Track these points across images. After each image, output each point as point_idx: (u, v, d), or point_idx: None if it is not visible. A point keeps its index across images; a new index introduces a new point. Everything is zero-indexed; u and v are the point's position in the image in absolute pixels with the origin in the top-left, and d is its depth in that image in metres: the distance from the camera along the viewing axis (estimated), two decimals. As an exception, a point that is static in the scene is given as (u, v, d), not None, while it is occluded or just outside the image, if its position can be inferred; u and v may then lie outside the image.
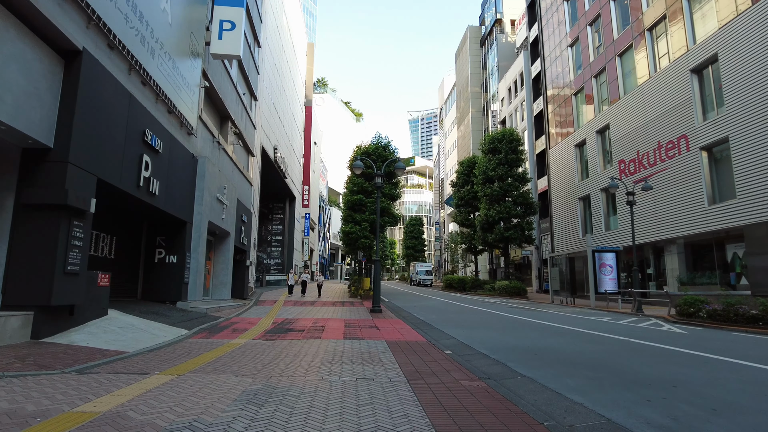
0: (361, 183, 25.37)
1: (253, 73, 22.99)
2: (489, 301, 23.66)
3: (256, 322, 11.78)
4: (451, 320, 13.40)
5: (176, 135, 12.43)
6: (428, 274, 52.46)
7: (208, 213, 14.53)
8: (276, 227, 43.69)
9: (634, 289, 18.26)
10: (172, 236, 13.19)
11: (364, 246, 24.98)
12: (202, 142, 14.85)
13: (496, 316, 15.10)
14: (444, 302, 22.13)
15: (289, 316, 13.52)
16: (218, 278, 17.11)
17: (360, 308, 17.14)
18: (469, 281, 34.54)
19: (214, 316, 12.39)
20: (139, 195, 10.03)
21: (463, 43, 60.57)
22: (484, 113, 54.06)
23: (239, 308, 15.78)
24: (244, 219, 20.43)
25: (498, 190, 30.88)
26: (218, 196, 15.44)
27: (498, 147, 31.67)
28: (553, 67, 36.23)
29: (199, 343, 8.18)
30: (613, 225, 27.58)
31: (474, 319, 14.00)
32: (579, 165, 31.96)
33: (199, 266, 13.71)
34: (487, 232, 31.88)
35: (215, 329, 10.03)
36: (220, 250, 17.39)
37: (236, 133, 18.91)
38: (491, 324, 12.49)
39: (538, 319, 14.21)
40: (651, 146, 23.67)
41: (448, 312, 16.36)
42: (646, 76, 24.30)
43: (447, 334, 10.08)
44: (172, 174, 12.05)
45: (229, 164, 18.21)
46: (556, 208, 34.53)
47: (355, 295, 24.47)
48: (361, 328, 10.90)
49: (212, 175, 14.81)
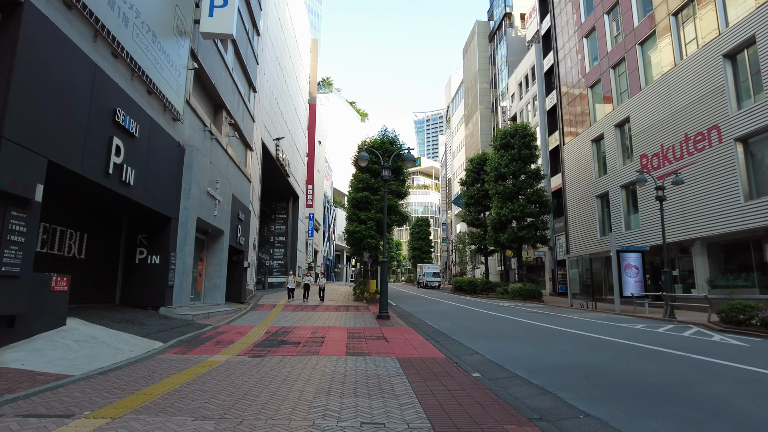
0: (366, 180, 23.90)
1: (252, 63, 21.61)
2: (503, 306, 22.09)
3: (246, 331, 10.32)
4: (469, 328, 11.88)
5: (158, 119, 11.02)
6: (436, 276, 50.87)
7: (197, 208, 13.11)
8: (279, 227, 42.34)
9: (666, 292, 16.66)
10: (155, 234, 11.78)
11: (370, 246, 23.50)
12: (191, 131, 13.45)
13: (516, 323, 13.56)
14: (456, 307, 20.59)
15: (286, 324, 12.04)
16: (211, 281, 15.69)
17: (366, 314, 15.65)
18: (480, 284, 32.95)
19: (200, 324, 10.94)
20: (109, 184, 8.61)
21: (471, 39, 59.03)
22: (493, 110, 52.47)
23: (232, 314, 14.34)
24: (240, 217, 19.02)
25: (511, 187, 29.30)
26: (209, 191, 14.03)
27: (510, 142, 30.10)
28: (567, 59, 34.62)
29: (170, 360, 6.72)
30: (634, 224, 25.92)
31: (493, 327, 12.47)
32: (596, 161, 30.30)
33: (186, 267, 12.29)
34: (500, 231, 30.29)
35: (196, 341, 8.57)
36: (213, 250, 15.97)
37: (232, 123, 17.51)
38: (515, 333, 10.96)
39: (564, 326, 12.66)
40: (677, 139, 22.03)
41: (463, 318, 14.83)
42: (671, 64, 22.66)
43: (468, 348, 8.56)
44: (153, 163, 10.64)
45: (224, 157, 16.81)
46: (572, 207, 32.87)
47: (361, 299, 22.99)
48: (366, 339, 9.40)
49: (202, 167, 13.40)
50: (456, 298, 29.06)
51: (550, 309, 20.82)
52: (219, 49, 15.92)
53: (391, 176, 14.68)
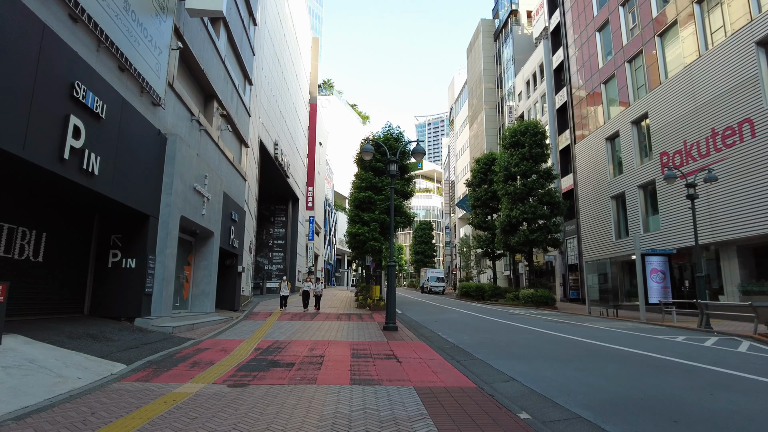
0: (369, 178, 22.42)
1: (248, 53, 20.21)
2: (517, 313, 20.53)
3: (233, 347, 8.80)
4: (490, 343, 10.34)
5: (134, 102, 9.56)
6: (440, 281, 49.31)
7: (181, 206, 11.63)
8: (278, 230, 40.87)
9: (700, 299, 15.12)
10: (131, 234, 10.30)
11: (374, 249, 21.98)
12: (175, 119, 12.00)
13: (541, 335, 12.02)
14: (467, 315, 19.04)
15: (281, 337, 10.52)
16: (199, 287, 14.18)
17: (370, 324, 14.12)
18: (488, 289, 31.38)
19: (180, 339, 9.43)
20: (64, 172, 7.14)
21: (476, 38, 57.73)
22: (498, 110, 51.05)
23: (222, 325, 12.83)
24: (234, 217, 17.54)
25: (521, 187, 27.79)
26: (196, 187, 12.55)
27: (521, 140, 28.61)
28: (578, 55, 33.21)
29: (124, 392, 5.22)
30: (653, 226, 24.40)
31: (517, 341, 10.93)
32: (610, 160, 28.82)
33: (167, 272, 10.80)
34: (509, 234, 28.75)
35: (168, 362, 7.06)
36: (202, 254, 14.47)
37: (224, 115, 16.07)
38: (545, 349, 9.42)
39: (596, 339, 11.12)
40: (702, 134, 20.54)
41: (480, 330, 13.29)
42: (695, 55, 21.21)
43: (498, 371, 7.04)
44: (127, 151, 9.17)
45: (214, 151, 15.35)
46: (584, 209, 31.36)
47: (363, 306, 21.46)
48: (374, 358, 7.88)
49: (187, 159, 11.93)
50: (464, 304, 27.49)
51: (568, 317, 19.26)
52: (209, 32, 14.50)
53: (397, 171, 13.21)
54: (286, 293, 19.09)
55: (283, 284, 19.27)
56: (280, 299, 19.13)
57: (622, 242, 26.75)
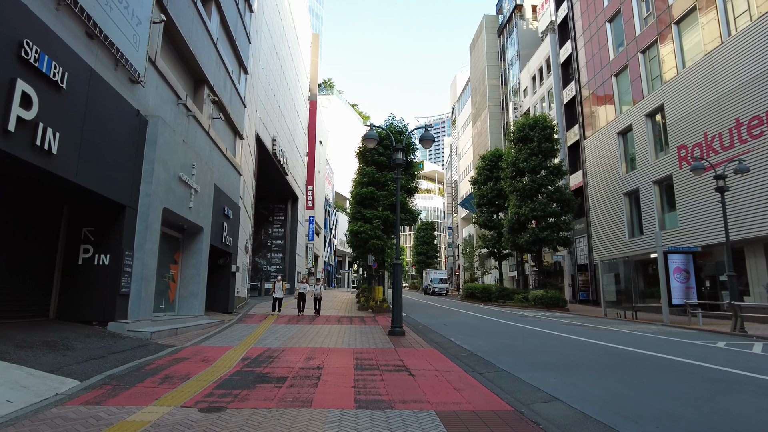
0: (372, 173, 21.22)
1: (243, 39, 19.04)
2: (529, 316, 19.31)
3: (217, 356, 7.58)
4: (511, 350, 9.13)
5: (106, 75, 8.38)
6: (443, 282, 48.07)
7: (164, 197, 10.43)
8: (277, 230, 39.65)
9: (733, 300, 13.90)
10: (105, 227, 9.10)
11: (376, 248, 20.76)
12: (159, 100, 10.80)
13: (565, 341, 10.80)
14: (477, 318, 17.82)
15: (275, 344, 9.31)
16: (187, 287, 12.96)
17: (374, 328, 12.90)
18: (495, 291, 30.14)
19: (157, 346, 8.22)
20: (11, 148, 5.94)
21: (479, 34, 56.59)
22: (502, 107, 49.88)
23: (211, 328, 11.62)
24: (227, 213, 16.34)
25: (531, 184, 26.56)
26: (182, 176, 11.35)
27: (529, 135, 27.39)
28: (588, 47, 32.02)
29: (62, 421, 4.01)
30: (671, 223, 23.18)
31: (540, 347, 9.70)
32: (623, 156, 27.62)
33: (147, 270, 9.60)
34: (518, 233, 27.52)
35: (134, 376, 5.84)
36: (191, 251, 13.26)
37: (216, 102, 14.87)
38: (578, 358, 8.20)
39: (629, 345, 9.88)
40: (725, 125, 19.34)
41: (495, 335, 12.07)
42: (717, 41, 20.01)
43: (533, 387, 5.82)
44: (96, 131, 7.98)
45: (205, 139, 14.15)
46: (594, 207, 30.15)
47: (365, 308, 20.24)
48: (381, 370, 6.67)
49: (171, 145, 10.73)
50: (471, 306, 26.26)
51: (584, 320, 18.04)
52: (199, 10, 13.32)
53: (404, 159, 12.02)
54: (281, 295, 17.09)
55: (278, 285, 17.20)
56: (274, 301, 17.11)
57: (635, 241, 25.53)
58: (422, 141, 12.10)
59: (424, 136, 11.99)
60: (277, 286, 17.19)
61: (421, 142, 12.15)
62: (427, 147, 12.23)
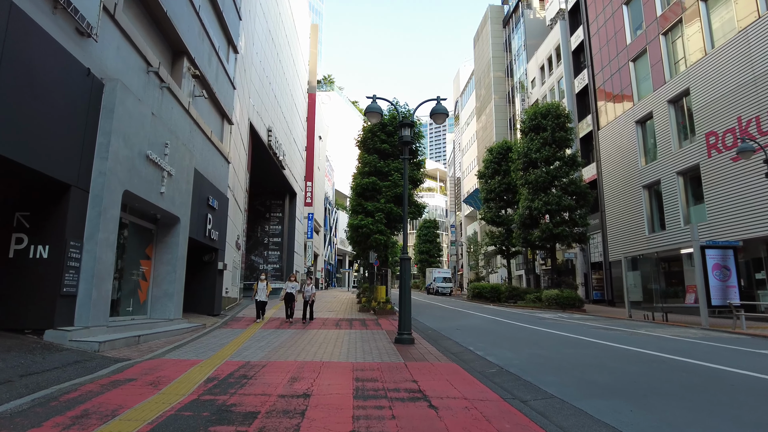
0: (374, 162, 19.44)
1: (232, 15, 17.26)
2: (546, 318, 17.53)
3: (175, 376, 5.80)
4: (549, 364, 7.35)
5: (37, 17, 6.62)
6: (447, 282, 46.29)
7: (125, 177, 8.65)
8: (274, 227, 37.88)
9: (789, 302, 12.12)
10: (43, 211, 7.34)
11: (378, 244, 18.97)
12: (120, 63, 9.04)
13: (607, 349, 9.00)
14: (491, 320, 16.04)
15: (255, 356, 7.53)
16: (160, 287, 11.19)
17: (377, 333, 11.14)
18: (504, 290, 28.34)
19: (103, 361, 6.45)
20: None
21: (483, 25, 54.77)
22: (508, 100, 48.06)
23: (185, 335, 9.86)
24: (212, 204, 14.57)
25: (544, 175, 24.75)
26: (151, 155, 9.58)
27: (542, 123, 25.58)
28: (602, 32, 30.22)
29: None
30: (697, 217, 21.38)
31: (584, 359, 7.91)
32: (641, 145, 25.83)
33: (101, 266, 7.84)
34: (529, 228, 25.74)
35: (36, 414, 4.07)
36: (165, 245, 11.49)
37: (197, 77, 13.11)
38: (644, 377, 6.40)
39: (692, 357, 8.07)
40: (763, 108, 17.55)
41: (519, 341, 10.29)
42: (753, 16, 18.22)
43: (614, 429, 4.05)
44: (22, 85, 6.22)
45: (183, 117, 12.37)
46: (610, 201, 28.36)
47: (367, 309, 18.46)
48: (391, 398, 4.89)
49: (136, 117, 8.96)
50: (479, 307, 24.47)
51: (610, 322, 16.26)
52: (175, -32, 11.56)
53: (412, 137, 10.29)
54: (264, 299, 13.63)
55: (261, 285, 13.71)
56: (256, 305, 13.66)
57: (656, 237, 23.75)
58: (434, 115, 10.33)
59: (436, 109, 10.22)
60: (260, 287, 13.78)
61: (433, 116, 10.38)
62: (439, 122, 10.45)
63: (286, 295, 13.90)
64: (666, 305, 17.92)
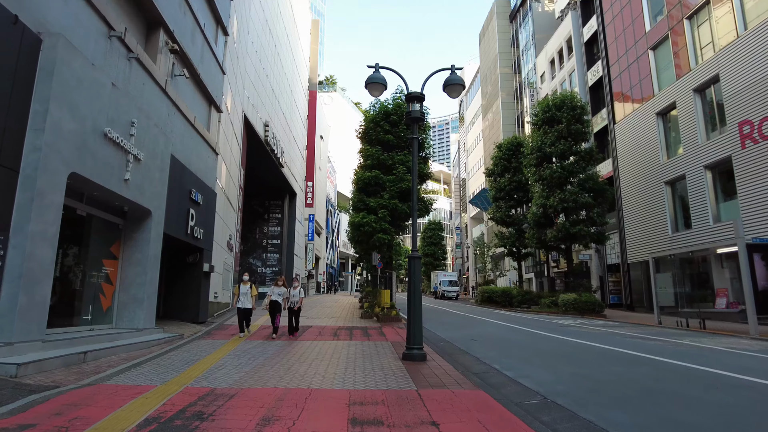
0: (377, 155, 17.83)
1: (221, -8, 15.73)
2: (569, 325, 15.82)
3: (100, 416, 4.16)
4: (603, 390, 5.66)
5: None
6: (453, 285, 44.51)
7: (73, 156, 7.05)
8: (273, 229, 36.28)
9: None
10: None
11: (382, 244, 17.32)
12: (70, 19, 7.46)
13: (668, 368, 7.30)
14: (509, 329, 14.34)
15: (225, 381, 5.88)
16: (128, 291, 9.58)
17: (381, 346, 9.47)
18: (516, 294, 26.61)
19: (17, 389, 4.81)
20: None
21: (489, 21, 53.23)
22: (516, 97, 46.42)
23: (153, 349, 8.23)
24: (195, 198, 12.96)
25: (559, 171, 23.06)
26: (110, 133, 7.98)
27: (556, 116, 23.91)
28: (617, 20, 28.58)
29: None
30: (728, 213, 19.66)
31: (643, 382, 6.21)
32: (663, 139, 24.12)
33: (35, 265, 6.25)
34: (544, 228, 24.04)
35: None
36: (134, 243, 9.87)
37: (176, 52, 11.53)
38: (747, 414, 4.74)
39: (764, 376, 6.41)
40: (807, 92, 15.86)
41: (551, 356, 8.60)
42: (793, -7, 16.58)
43: None
44: None
45: (157, 96, 10.77)
46: (628, 199, 26.63)
47: (369, 315, 16.77)
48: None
49: (88, 85, 7.38)
50: (491, 312, 22.75)
51: (641, 330, 14.54)
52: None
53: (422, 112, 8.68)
54: (248, 305, 10.93)
55: (243, 289, 10.91)
56: (239, 317, 10.95)
57: (681, 236, 22.03)
58: (447, 87, 8.70)
59: (450, 80, 8.60)
60: (242, 291, 10.92)
61: (446, 88, 8.75)
62: (454, 95, 8.81)
63: (270, 304, 11.06)
64: (692, 310, 16.19)
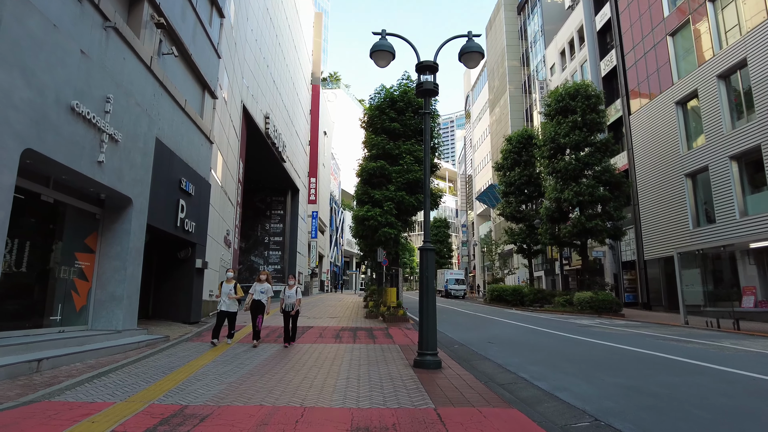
0: (382, 144, 16.76)
1: (215, -30, 14.71)
2: (588, 325, 14.70)
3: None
4: (671, 410, 4.57)
5: None
6: (460, 284, 43.43)
7: (28, 131, 6.05)
8: (275, 226, 35.31)
9: None
10: None
11: (388, 239, 16.26)
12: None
13: (713, 374, 6.20)
14: (526, 330, 13.25)
15: (199, 399, 4.83)
16: (106, 288, 8.58)
17: (388, 350, 8.42)
18: (528, 293, 25.47)
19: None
20: None
21: (496, 13, 51.97)
22: (524, 90, 45.17)
23: (130, 353, 7.22)
24: (186, 188, 11.96)
25: (574, 162, 21.90)
26: (77, 107, 6.97)
27: (570, 105, 22.73)
28: (633, 7, 27.33)
29: None
30: (756, 207, 18.45)
31: (706, 396, 5.11)
32: (683, 129, 22.89)
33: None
34: (557, 223, 22.89)
35: None
36: (113, 234, 8.87)
37: (161, 25, 10.52)
38: None
39: None
40: None
41: (583, 362, 7.51)
42: (832, -33, 15.34)
43: None
44: None
45: (141, 73, 9.74)
46: (644, 192, 25.40)
47: (375, 315, 15.72)
48: None
49: (48, 49, 6.38)
50: (502, 312, 21.65)
51: (668, 330, 13.41)
52: None
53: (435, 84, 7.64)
54: (234, 309, 9.06)
55: (226, 288, 8.97)
56: (217, 317, 8.96)
57: (704, 231, 20.81)
58: (464, 55, 7.62)
59: (468, 47, 7.52)
60: (224, 291, 8.97)
61: (462, 57, 7.67)
62: (472, 65, 7.73)
63: (252, 304, 9.05)
64: (716, 309, 15.06)
